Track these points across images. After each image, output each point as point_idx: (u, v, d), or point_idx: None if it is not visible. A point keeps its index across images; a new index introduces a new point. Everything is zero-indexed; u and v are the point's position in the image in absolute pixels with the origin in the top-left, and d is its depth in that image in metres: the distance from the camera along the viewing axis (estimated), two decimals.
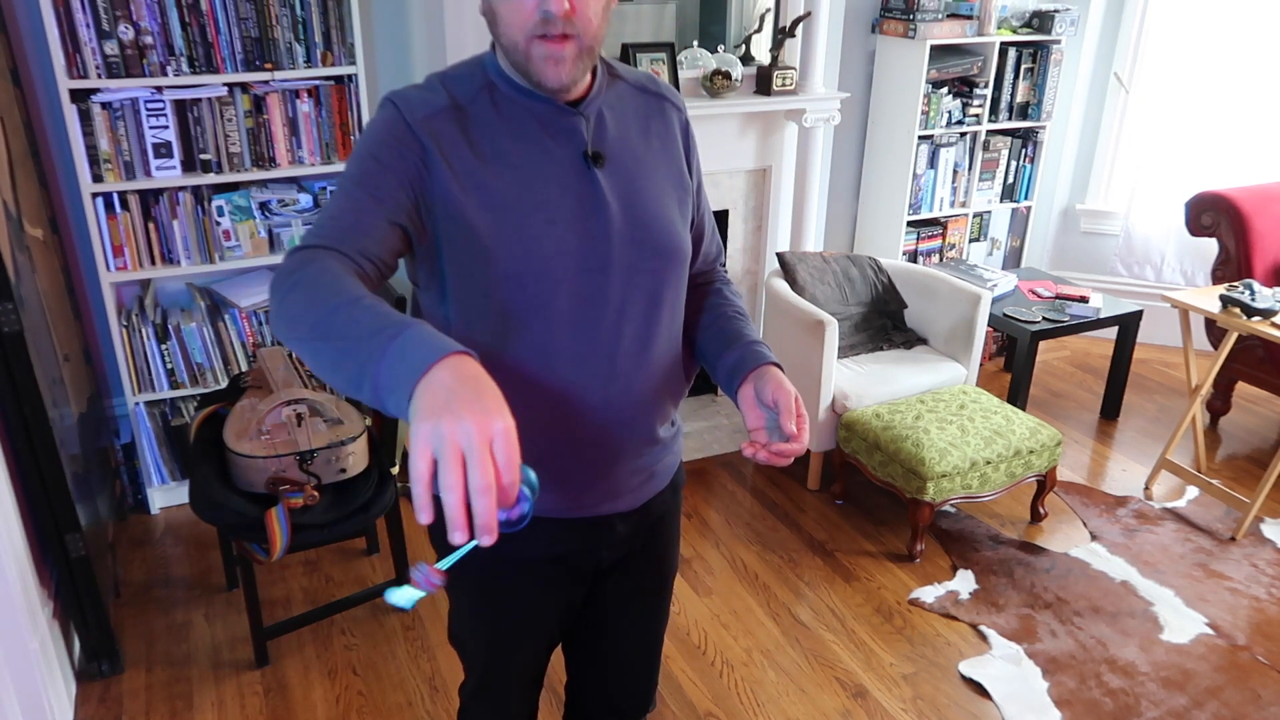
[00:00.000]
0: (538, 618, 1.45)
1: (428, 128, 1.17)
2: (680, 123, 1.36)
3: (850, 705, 2.40)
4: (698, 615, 2.71)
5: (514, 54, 1.15)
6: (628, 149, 1.27)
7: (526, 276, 1.19)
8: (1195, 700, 2.41)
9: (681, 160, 1.35)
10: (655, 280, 1.28)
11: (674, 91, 1.38)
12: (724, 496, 3.30)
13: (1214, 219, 3.61)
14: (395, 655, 2.53)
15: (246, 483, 2.31)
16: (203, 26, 2.75)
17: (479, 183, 1.18)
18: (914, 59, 3.77)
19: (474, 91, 1.21)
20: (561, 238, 1.20)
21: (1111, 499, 3.30)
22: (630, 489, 1.37)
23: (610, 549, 1.41)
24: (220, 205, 2.94)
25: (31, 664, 2.09)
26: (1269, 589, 2.83)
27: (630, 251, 1.24)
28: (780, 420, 1.21)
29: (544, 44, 1.12)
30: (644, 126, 1.31)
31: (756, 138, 3.60)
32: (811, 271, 3.42)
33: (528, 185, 1.19)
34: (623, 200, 1.24)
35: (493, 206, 1.18)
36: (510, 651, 1.48)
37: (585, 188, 1.22)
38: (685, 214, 1.34)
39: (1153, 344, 4.49)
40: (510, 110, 1.21)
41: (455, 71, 1.24)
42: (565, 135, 1.22)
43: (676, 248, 1.30)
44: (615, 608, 1.50)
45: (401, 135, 1.16)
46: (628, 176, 1.26)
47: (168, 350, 2.97)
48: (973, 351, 3.34)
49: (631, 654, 1.58)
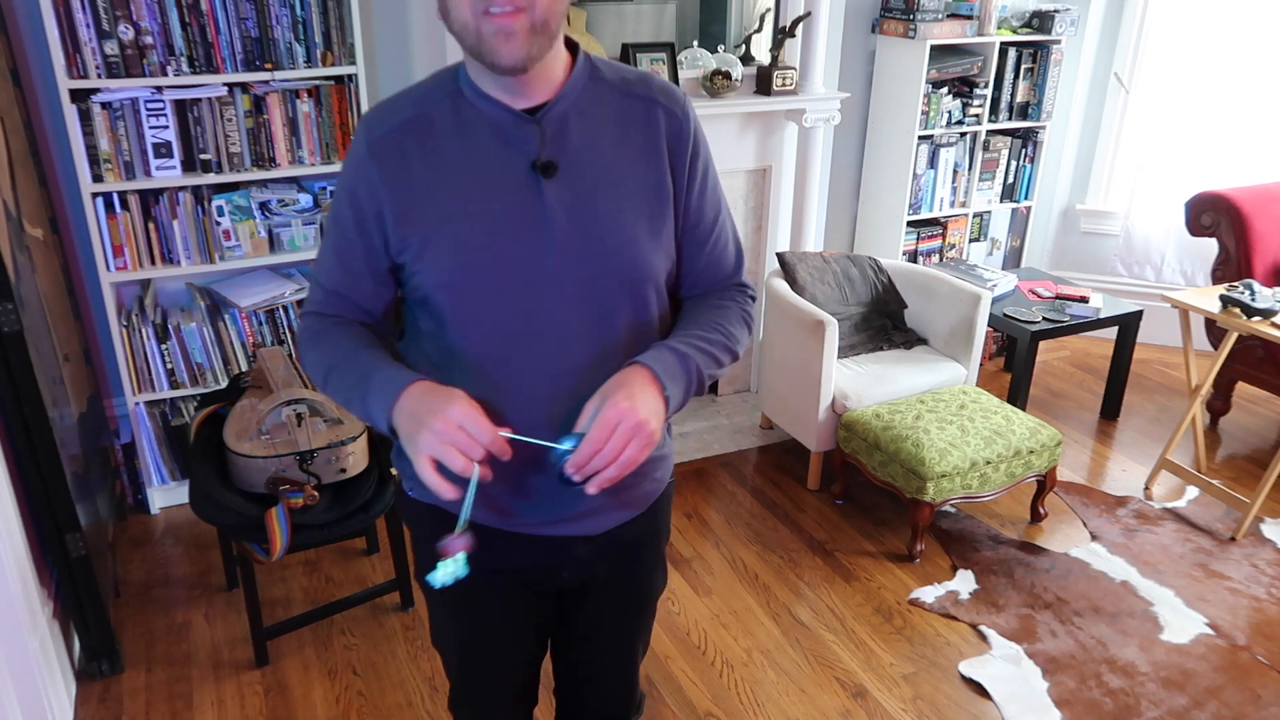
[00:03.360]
0: (502, 633, 1.43)
1: (382, 146, 1.20)
2: (672, 127, 1.25)
3: (850, 705, 2.40)
4: (698, 615, 2.71)
5: (466, 38, 1.11)
6: (591, 158, 1.20)
7: (464, 286, 1.19)
8: (1195, 700, 2.41)
9: (663, 168, 1.24)
10: (605, 299, 1.21)
11: (670, 94, 1.26)
12: (724, 496, 3.30)
13: (1214, 219, 3.61)
14: (395, 655, 2.53)
15: (246, 483, 2.31)
16: (203, 26, 2.75)
17: (425, 193, 1.19)
18: (914, 59, 3.77)
19: (439, 99, 1.21)
20: (501, 249, 1.17)
21: (1111, 499, 3.30)
22: (589, 513, 1.30)
23: (570, 570, 1.37)
24: (220, 205, 2.94)
25: (31, 664, 2.09)
26: (1269, 589, 2.83)
27: (574, 267, 1.18)
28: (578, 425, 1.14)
29: (492, 19, 1.07)
30: (619, 134, 1.22)
31: (756, 138, 3.60)
32: (811, 271, 3.42)
33: (471, 195, 1.18)
34: (573, 213, 1.18)
35: (434, 217, 1.18)
36: (482, 660, 1.47)
37: (531, 200, 1.17)
38: (658, 228, 1.24)
39: (1153, 344, 4.49)
40: (468, 117, 1.19)
41: (429, 82, 1.24)
42: (518, 144, 1.18)
43: (633, 263, 1.22)
44: (588, 629, 1.48)
45: (361, 163, 1.21)
46: (584, 188, 1.19)
47: (168, 350, 2.97)
48: (973, 351, 3.34)
49: (608, 672, 1.56)
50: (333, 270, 1.28)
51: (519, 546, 1.32)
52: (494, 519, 1.28)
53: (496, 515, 1.29)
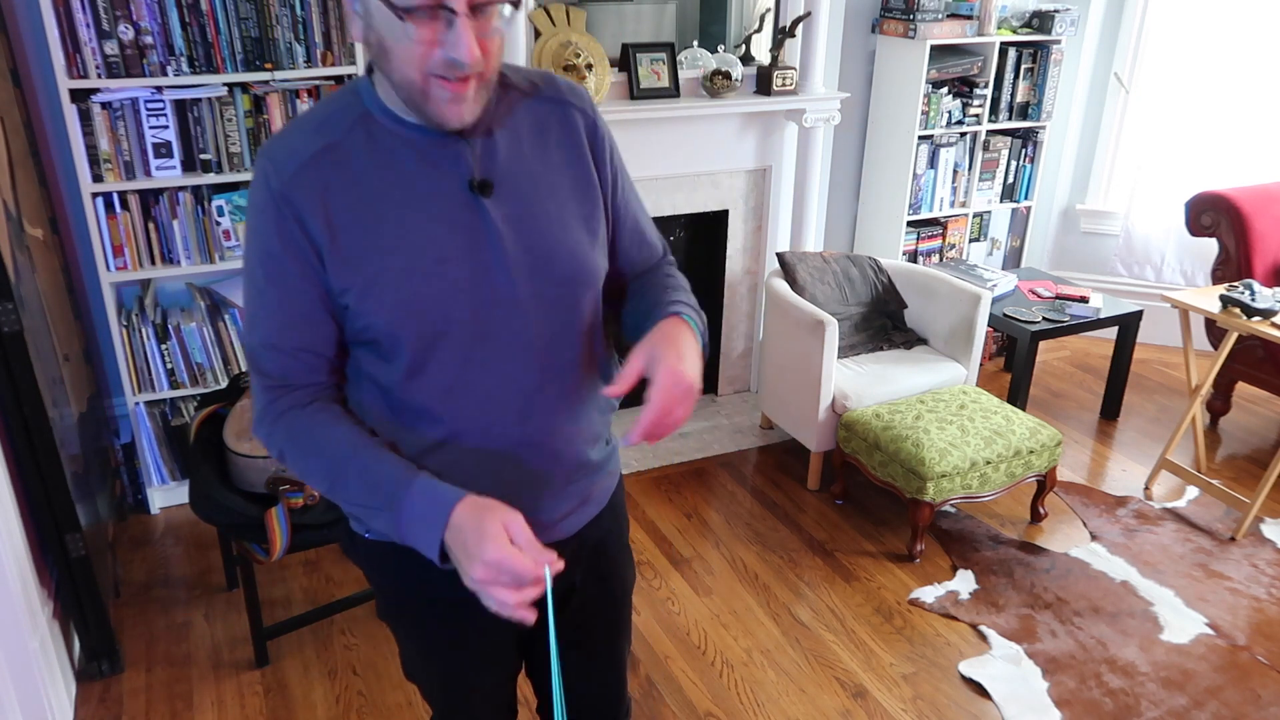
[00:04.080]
0: (485, 652, 1.41)
1: (293, 186, 1.10)
2: (586, 124, 1.24)
3: (850, 705, 2.40)
4: (698, 615, 2.71)
5: (407, 90, 1.06)
6: (522, 170, 1.17)
7: (421, 318, 1.13)
8: (1195, 700, 2.41)
9: (589, 168, 1.24)
10: (565, 309, 1.21)
11: (576, 91, 1.26)
12: (724, 496, 3.30)
13: (1214, 219, 3.61)
14: (395, 655, 2.53)
15: (246, 483, 2.31)
16: (203, 26, 2.75)
17: (354, 231, 1.11)
18: (914, 59, 3.77)
19: (348, 125, 1.13)
20: (454, 276, 1.13)
21: (1111, 499, 3.30)
22: (561, 518, 1.31)
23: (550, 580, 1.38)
24: (220, 205, 2.94)
25: (31, 664, 2.09)
26: (1269, 589, 2.83)
27: (531, 282, 1.17)
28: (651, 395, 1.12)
29: (445, 85, 1.04)
30: (541, 140, 1.20)
31: (756, 138, 3.60)
32: (811, 271, 3.42)
33: (412, 225, 1.12)
34: (517, 228, 1.16)
35: (376, 251, 1.11)
36: (465, 685, 1.45)
37: (474, 220, 1.13)
38: (594, 228, 1.24)
39: (1153, 344, 4.49)
40: (387, 143, 1.12)
41: (330, 107, 1.15)
42: (448, 165, 1.13)
43: (585, 271, 1.22)
44: (573, 636, 1.45)
45: (279, 207, 1.10)
46: (522, 201, 1.17)
47: (168, 350, 2.97)
48: (973, 351, 3.34)
49: (593, 678, 1.54)
50: (286, 329, 1.15)
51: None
52: None
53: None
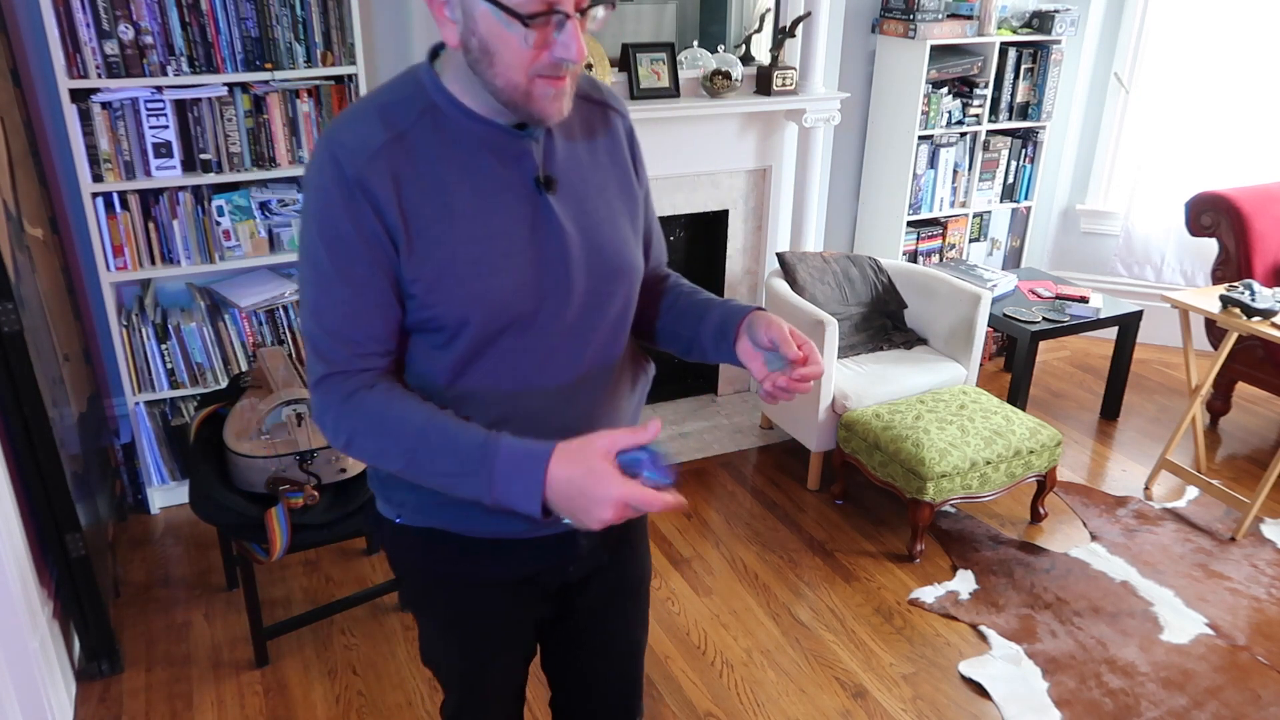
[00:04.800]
0: (508, 635, 1.43)
1: (370, 173, 1.10)
2: (625, 129, 1.30)
3: (850, 705, 2.40)
4: (698, 615, 2.71)
5: (509, 92, 1.08)
6: (577, 168, 1.22)
7: (487, 310, 1.15)
8: (1195, 700, 2.41)
9: (629, 169, 1.30)
10: (611, 301, 1.25)
11: (615, 96, 1.32)
12: (724, 496, 3.30)
13: (1214, 219, 3.61)
14: (395, 655, 2.53)
15: (246, 483, 2.31)
16: (203, 26, 2.75)
17: (426, 220, 1.12)
18: (914, 59, 3.77)
19: (414, 117, 1.13)
20: (519, 269, 1.16)
21: (1111, 499, 3.30)
22: None
23: (576, 564, 1.38)
24: (220, 205, 2.94)
25: (31, 664, 2.09)
26: (1269, 589, 2.83)
27: (589, 277, 1.20)
28: (782, 350, 1.18)
29: (550, 83, 1.08)
30: (591, 141, 1.25)
31: (756, 138, 3.60)
32: (811, 271, 3.42)
33: (481, 218, 1.14)
34: (578, 224, 1.19)
35: (445, 243, 1.13)
36: (484, 670, 1.46)
37: (539, 215, 1.17)
38: (637, 227, 1.30)
39: (1153, 344, 4.49)
40: (455, 135, 1.14)
41: (392, 96, 1.16)
42: (515, 160, 1.16)
43: (633, 268, 1.27)
44: (590, 622, 1.47)
45: (348, 196, 1.10)
46: (580, 198, 1.21)
47: (168, 350, 2.97)
48: (973, 351, 3.34)
49: (610, 667, 1.55)
50: (355, 318, 1.14)
51: (530, 551, 1.32)
52: (502, 529, 1.28)
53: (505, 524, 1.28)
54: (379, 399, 1.15)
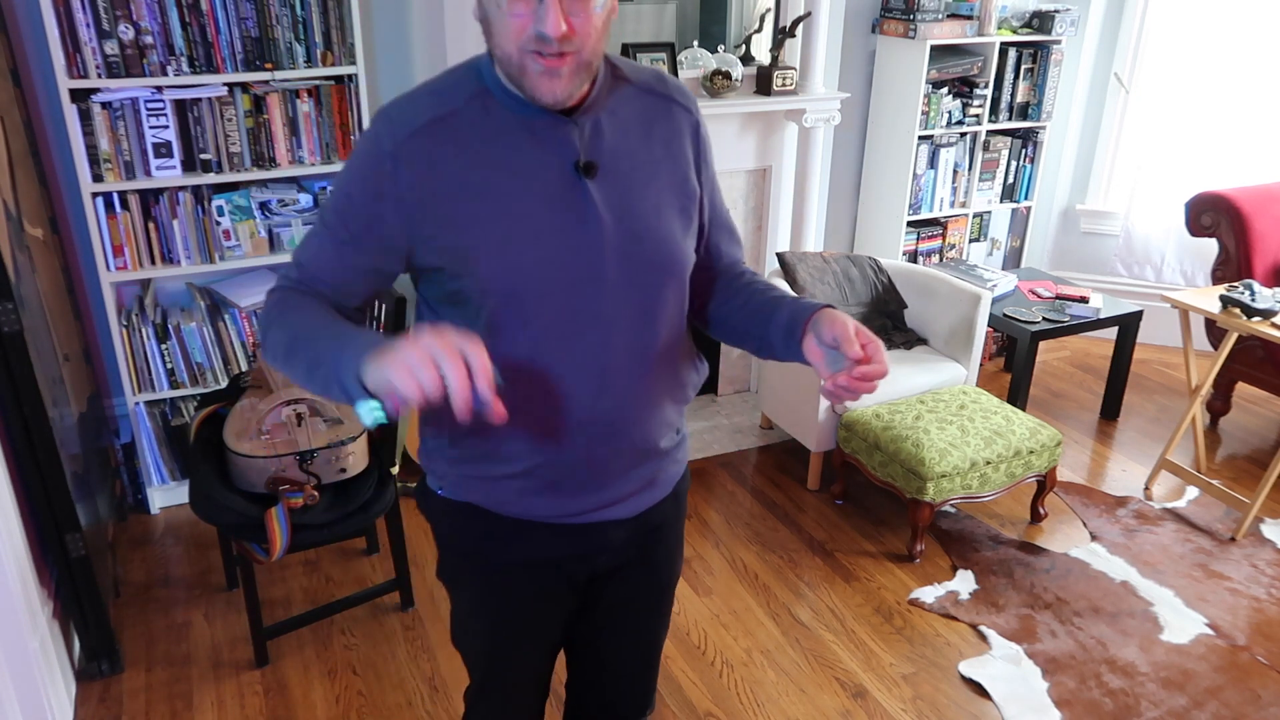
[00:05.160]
0: (535, 620, 1.45)
1: (406, 150, 1.15)
2: (690, 125, 1.32)
3: (850, 705, 2.40)
4: (698, 615, 2.71)
5: (507, 65, 1.13)
6: (625, 156, 1.23)
7: (513, 289, 1.18)
8: (1195, 700, 2.41)
9: (688, 165, 1.31)
10: (650, 294, 1.26)
11: (684, 92, 1.33)
12: (724, 496, 3.30)
13: (1214, 219, 3.61)
14: (395, 655, 2.53)
15: (246, 483, 2.31)
16: (203, 26, 2.75)
17: (465, 196, 1.16)
18: (914, 59, 3.77)
19: (465, 99, 1.18)
20: (550, 251, 1.18)
21: (1111, 499, 3.30)
22: (625, 497, 1.35)
23: (605, 555, 1.41)
24: (220, 205, 2.94)
25: (31, 664, 2.09)
26: (1269, 589, 2.83)
27: (623, 265, 1.22)
28: (843, 349, 1.17)
29: (539, 60, 1.10)
30: (646, 131, 1.27)
31: (756, 138, 3.60)
32: (811, 271, 3.42)
33: (516, 197, 1.17)
34: (616, 212, 1.21)
35: (478, 219, 1.17)
36: (509, 653, 1.48)
37: (576, 199, 1.19)
38: (688, 223, 1.30)
39: (1153, 344, 4.49)
40: (501, 119, 1.18)
41: (448, 79, 1.22)
42: (556, 145, 1.19)
43: (675, 261, 1.27)
44: (612, 613, 1.50)
45: (384, 164, 1.16)
46: (623, 186, 1.22)
47: (168, 350, 2.97)
48: (973, 352, 3.34)
49: (629, 659, 1.57)
50: (326, 261, 1.23)
51: (558, 536, 1.35)
52: (535, 511, 1.31)
53: (538, 507, 1.31)
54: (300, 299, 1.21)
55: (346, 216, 1.20)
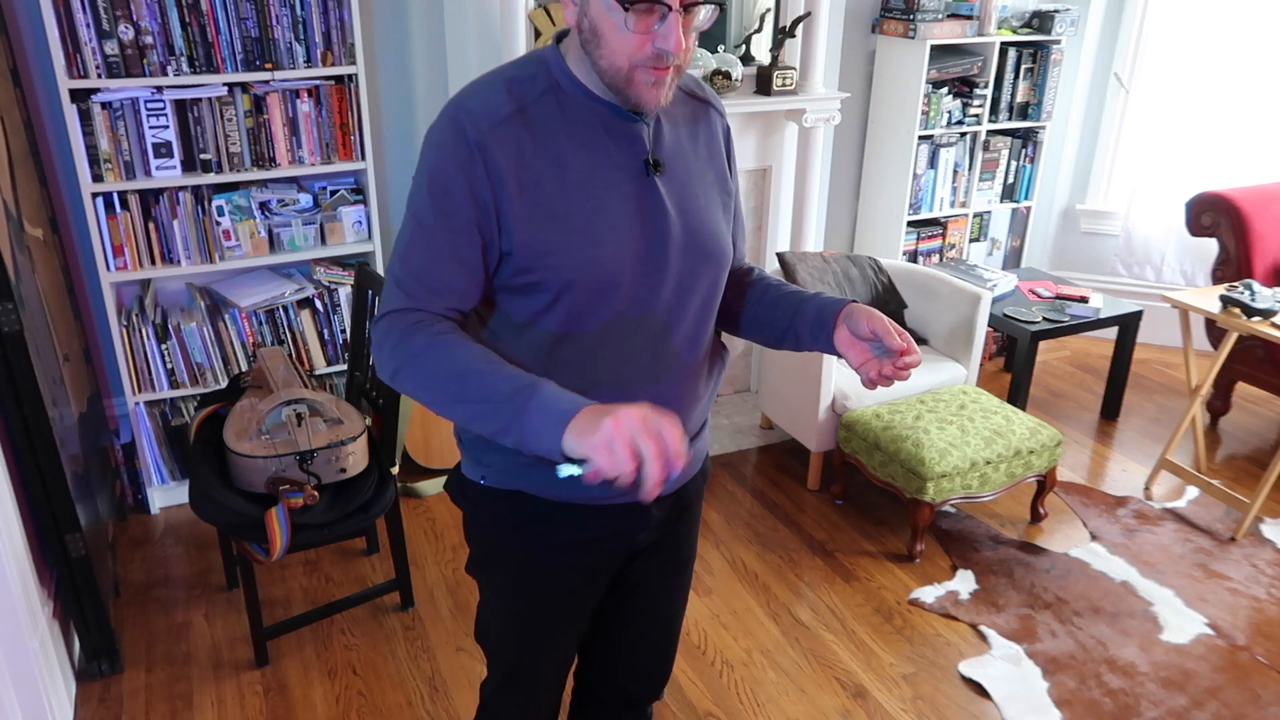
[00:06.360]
0: (571, 602, 1.47)
1: (492, 140, 1.18)
2: (723, 127, 1.40)
3: (850, 705, 2.40)
4: (698, 615, 2.71)
5: (612, 76, 1.17)
6: (681, 155, 1.31)
7: (588, 281, 1.22)
8: (1195, 700, 2.41)
9: (724, 164, 1.39)
10: (705, 284, 1.33)
11: (716, 96, 1.41)
12: (724, 496, 3.30)
13: (1214, 219, 3.61)
14: (395, 655, 2.53)
15: (246, 483, 2.31)
16: (203, 26, 2.75)
17: (543, 189, 1.20)
18: (914, 59, 3.77)
19: (538, 93, 1.22)
20: (623, 243, 1.23)
21: (1111, 499, 3.30)
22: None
23: (646, 532, 1.44)
24: (220, 205, 2.94)
25: (31, 664, 2.09)
26: (1269, 589, 2.83)
27: (685, 258, 1.28)
28: (885, 341, 1.26)
29: (651, 72, 1.16)
30: (693, 132, 1.34)
31: (756, 138, 3.60)
32: (811, 271, 3.42)
33: (591, 191, 1.22)
34: (679, 207, 1.28)
35: (556, 213, 1.20)
36: (542, 638, 1.50)
37: (646, 194, 1.25)
38: (729, 219, 1.38)
39: (1153, 344, 4.49)
40: (575, 113, 1.22)
41: (519, 72, 1.24)
42: (628, 141, 1.24)
43: (725, 253, 1.35)
44: (637, 591, 1.53)
45: (470, 157, 1.18)
46: (682, 183, 1.29)
47: (168, 350, 2.97)
48: (973, 351, 3.34)
49: (650, 637, 1.60)
50: (441, 262, 1.21)
51: (605, 516, 1.38)
52: (587, 493, 1.32)
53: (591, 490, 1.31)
54: (434, 336, 1.19)
55: (450, 208, 1.19)
